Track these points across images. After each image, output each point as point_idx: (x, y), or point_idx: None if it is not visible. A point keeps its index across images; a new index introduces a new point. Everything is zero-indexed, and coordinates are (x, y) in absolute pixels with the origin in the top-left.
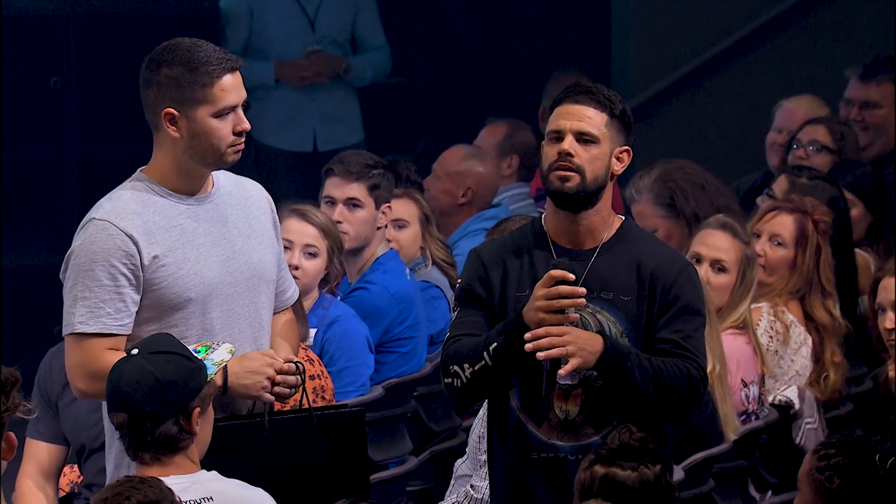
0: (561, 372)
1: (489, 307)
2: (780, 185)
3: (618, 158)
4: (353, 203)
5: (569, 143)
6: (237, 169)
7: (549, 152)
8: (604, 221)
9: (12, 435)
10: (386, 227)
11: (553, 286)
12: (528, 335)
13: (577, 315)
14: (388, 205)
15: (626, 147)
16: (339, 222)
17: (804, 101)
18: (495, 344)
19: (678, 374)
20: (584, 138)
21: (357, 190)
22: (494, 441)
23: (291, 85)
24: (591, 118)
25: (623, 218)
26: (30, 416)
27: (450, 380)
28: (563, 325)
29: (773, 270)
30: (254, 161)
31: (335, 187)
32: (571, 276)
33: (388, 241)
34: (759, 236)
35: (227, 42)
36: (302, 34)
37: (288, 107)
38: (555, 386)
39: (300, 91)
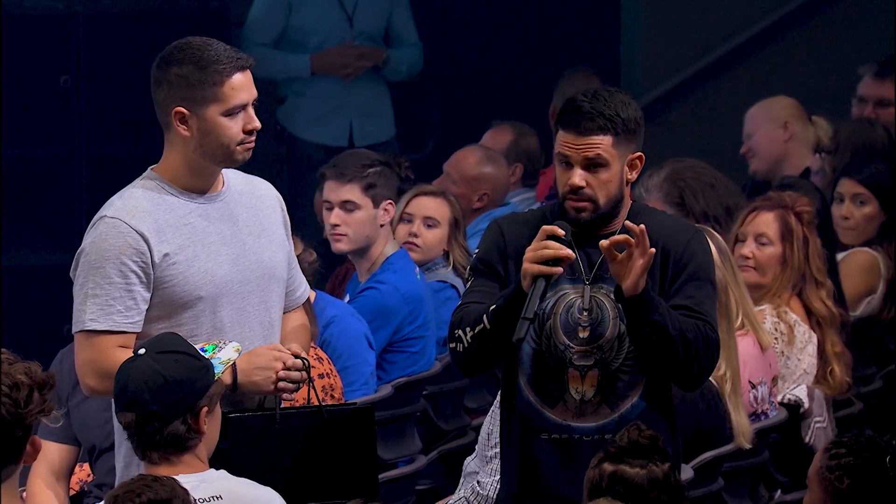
0: (605, 243)
1: (503, 279)
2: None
3: (630, 166)
4: (348, 205)
5: (579, 177)
6: (267, 162)
7: (560, 178)
8: (620, 218)
9: (37, 438)
10: (391, 224)
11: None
12: (604, 242)
13: (561, 269)
14: (389, 201)
15: (639, 153)
16: (336, 225)
17: (756, 108)
18: (493, 307)
19: (699, 333)
20: (592, 164)
21: (351, 192)
22: (504, 423)
23: (332, 76)
24: (598, 145)
25: (632, 201)
26: (56, 425)
27: (454, 344)
28: (550, 277)
29: (765, 270)
30: (286, 155)
31: (331, 191)
32: (561, 232)
33: (416, 235)
34: (744, 240)
35: (262, 32)
36: (340, 29)
37: (326, 101)
38: (524, 334)
39: (339, 86)
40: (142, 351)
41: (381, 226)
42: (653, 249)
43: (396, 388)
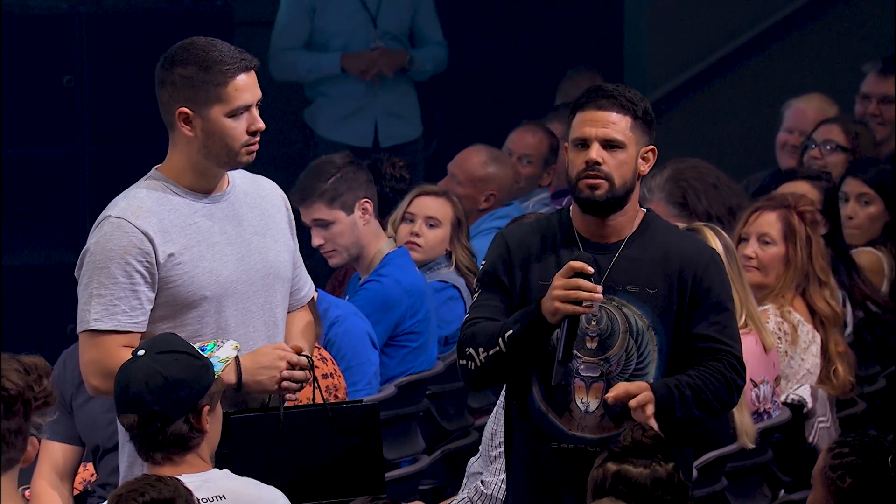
0: (609, 398)
1: (510, 293)
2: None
3: (643, 158)
4: (321, 223)
5: (596, 152)
6: (293, 162)
7: (575, 160)
8: (629, 220)
9: (34, 439)
10: (394, 223)
11: (572, 278)
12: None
13: (593, 307)
14: (363, 199)
15: (651, 146)
16: (322, 244)
17: (814, 101)
18: (511, 331)
19: (716, 383)
20: (610, 144)
21: (317, 210)
22: (514, 429)
23: (355, 77)
24: (616, 123)
25: (645, 210)
26: (51, 418)
27: (464, 361)
28: (578, 315)
29: (768, 270)
30: (312, 156)
31: (303, 215)
32: (591, 270)
33: (418, 234)
34: (747, 240)
35: (289, 37)
36: (364, 30)
37: (351, 101)
38: (562, 377)
39: (363, 86)
40: (141, 352)
41: (365, 225)
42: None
43: (399, 388)
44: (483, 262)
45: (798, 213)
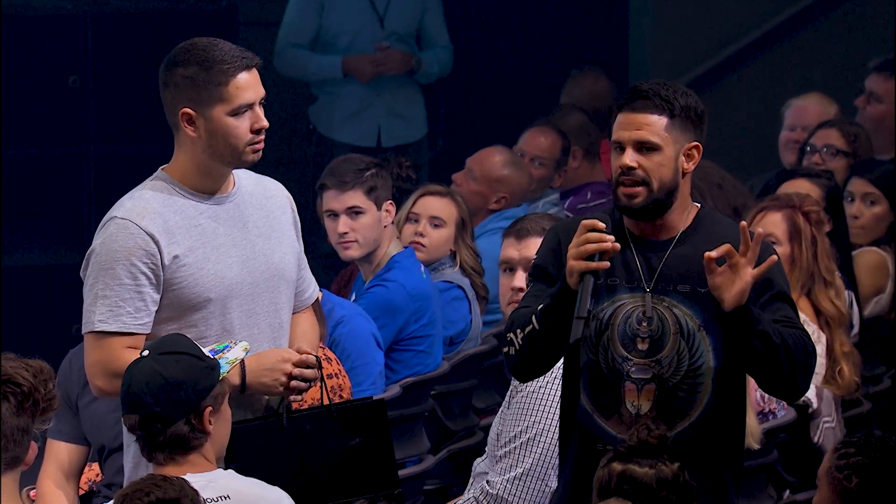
0: (713, 254)
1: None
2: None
3: (686, 156)
4: (354, 211)
5: (629, 157)
6: (297, 161)
7: (613, 164)
8: (679, 216)
9: (33, 443)
10: (397, 224)
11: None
12: (711, 253)
13: (607, 263)
14: (389, 202)
15: (696, 143)
16: (345, 233)
17: (814, 99)
18: (541, 305)
19: (798, 340)
20: (644, 147)
21: (355, 197)
22: (566, 431)
23: (358, 79)
24: (651, 125)
25: (699, 206)
26: (45, 427)
27: (506, 348)
28: (593, 272)
29: None
30: (314, 154)
31: (333, 200)
32: (602, 225)
33: (422, 235)
34: None
35: (296, 34)
36: (371, 29)
37: (355, 102)
38: (580, 334)
39: (368, 87)
40: (145, 353)
41: (385, 227)
42: (774, 257)
43: (404, 388)
44: (535, 256)
45: (803, 213)
